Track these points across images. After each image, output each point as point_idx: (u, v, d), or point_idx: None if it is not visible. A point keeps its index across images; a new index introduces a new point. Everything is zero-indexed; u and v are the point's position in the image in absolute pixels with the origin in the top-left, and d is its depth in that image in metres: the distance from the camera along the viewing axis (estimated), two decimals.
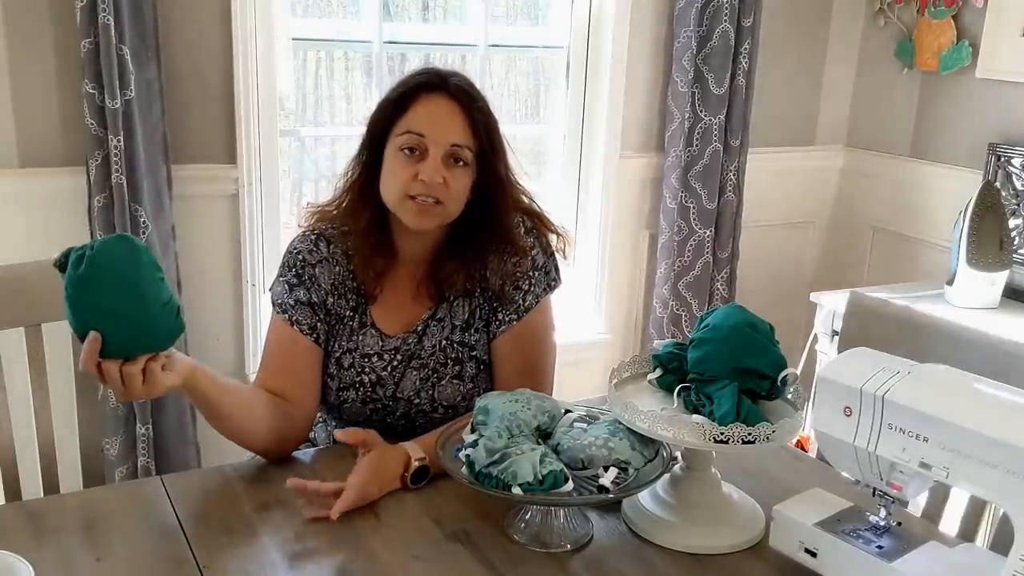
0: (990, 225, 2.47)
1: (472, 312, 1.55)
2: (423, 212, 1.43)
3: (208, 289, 2.42)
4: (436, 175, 1.41)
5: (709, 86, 2.74)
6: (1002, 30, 2.61)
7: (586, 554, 1.24)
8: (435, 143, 1.42)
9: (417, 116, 1.44)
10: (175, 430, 2.32)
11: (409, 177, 1.42)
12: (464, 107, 1.45)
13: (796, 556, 1.18)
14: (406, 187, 1.42)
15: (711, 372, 1.30)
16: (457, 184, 1.44)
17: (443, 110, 1.44)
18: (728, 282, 2.93)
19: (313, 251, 1.52)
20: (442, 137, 1.43)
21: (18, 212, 2.18)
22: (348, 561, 1.21)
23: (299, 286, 1.50)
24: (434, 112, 1.44)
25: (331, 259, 1.52)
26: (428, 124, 1.43)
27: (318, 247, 1.52)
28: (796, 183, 3.15)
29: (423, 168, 1.41)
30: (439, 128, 1.43)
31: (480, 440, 1.24)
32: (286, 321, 1.50)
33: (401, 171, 1.43)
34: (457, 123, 1.44)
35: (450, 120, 1.44)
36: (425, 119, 1.44)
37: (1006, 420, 1.02)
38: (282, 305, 1.50)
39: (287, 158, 2.56)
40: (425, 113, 1.44)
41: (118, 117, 2.07)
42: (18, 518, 1.26)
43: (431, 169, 1.41)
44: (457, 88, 1.46)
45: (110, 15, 2.01)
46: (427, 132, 1.43)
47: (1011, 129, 2.65)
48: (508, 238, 1.52)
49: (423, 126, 1.43)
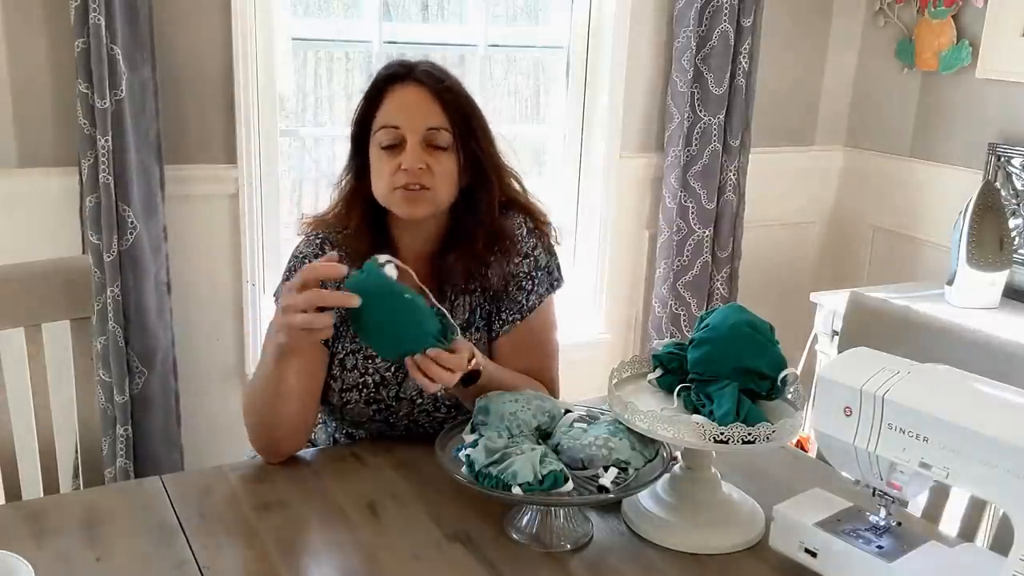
0: (990, 225, 2.47)
1: (473, 311, 1.55)
2: (412, 200, 1.45)
3: (208, 289, 2.42)
4: (417, 161, 1.43)
5: (708, 86, 2.74)
6: (1002, 30, 2.61)
7: (586, 554, 1.24)
8: (410, 131, 1.44)
9: (389, 109, 1.46)
10: (160, 432, 2.31)
11: (393, 170, 1.44)
12: (432, 90, 1.46)
13: (796, 556, 1.18)
14: (392, 180, 1.44)
15: (711, 372, 1.30)
16: (441, 168, 1.46)
17: (412, 98, 1.46)
18: (728, 282, 2.93)
19: (319, 254, 1.52)
20: (415, 123, 1.44)
21: (17, 212, 2.19)
22: (348, 561, 1.21)
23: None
24: (404, 101, 1.46)
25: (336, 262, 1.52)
26: (401, 115, 1.45)
27: (323, 250, 1.53)
28: (796, 183, 3.16)
29: (404, 157, 1.43)
30: (411, 115, 1.45)
31: (480, 440, 1.24)
32: None
33: (385, 167, 1.45)
34: (428, 106, 1.46)
35: (421, 105, 1.46)
36: (397, 110, 1.46)
37: (1006, 420, 1.02)
38: None
39: (287, 158, 2.56)
40: (396, 104, 1.46)
41: (107, 117, 2.07)
42: (18, 518, 1.26)
43: (411, 157, 1.43)
44: (423, 73, 1.47)
45: (101, 15, 2.01)
46: (401, 123, 1.45)
47: (1011, 129, 2.65)
48: (497, 228, 1.52)
49: (396, 118, 1.45)
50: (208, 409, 2.47)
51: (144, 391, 2.27)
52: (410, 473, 1.41)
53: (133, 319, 2.21)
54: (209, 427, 2.46)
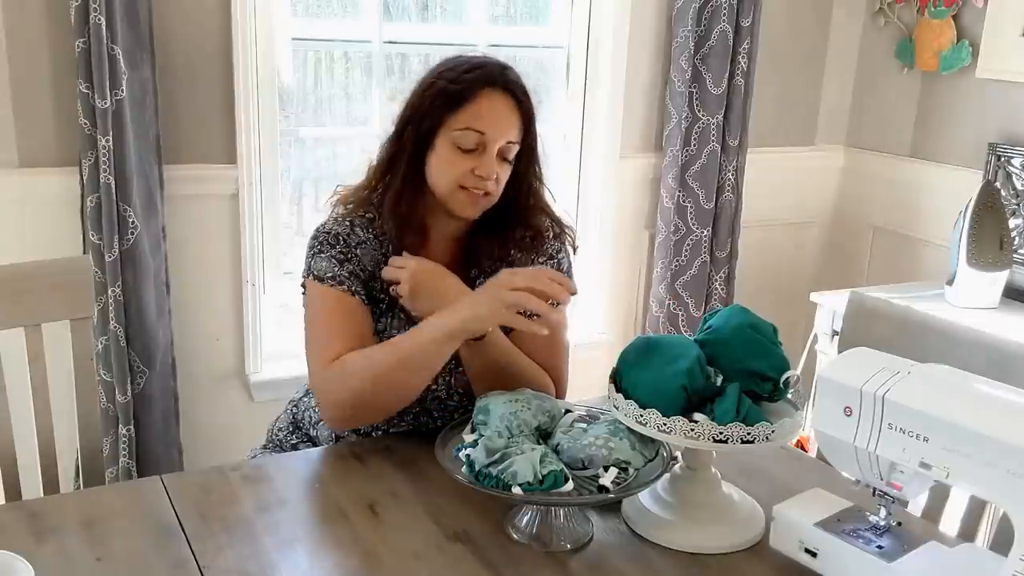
0: (990, 225, 2.47)
1: None
2: (475, 202, 1.49)
3: (208, 289, 2.42)
4: (492, 172, 1.47)
5: (707, 86, 2.74)
6: (1002, 30, 2.61)
7: (586, 554, 1.24)
8: (494, 140, 1.47)
9: (479, 113, 1.47)
10: (159, 431, 2.31)
11: (466, 170, 1.47)
12: (519, 103, 1.50)
13: (796, 556, 1.18)
14: (461, 179, 1.47)
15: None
16: (504, 177, 1.51)
17: (504, 108, 1.49)
18: (727, 282, 2.93)
19: (351, 234, 1.53)
20: (501, 135, 1.48)
21: (18, 211, 2.18)
22: (348, 561, 1.21)
23: (348, 261, 1.51)
24: (496, 110, 1.48)
25: (366, 243, 1.54)
26: (489, 122, 1.47)
27: (354, 231, 1.54)
28: (796, 183, 3.15)
29: (482, 164, 1.46)
30: (499, 126, 1.48)
31: (480, 440, 1.24)
32: (345, 292, 1.49)
33: (459, 163, 1.47)
34: (513, 120, 1.50)
35: (509, 118, 1.49)
36: (486, 117, 1.47)
37: (1006, 420, 1.02)
38: (336, 277, 1.49)
39: (287, 158, 2.56)
40: (487, 110, 1.48)
41: (108, 117, 2.07)
42: (18, 518, 1.26)
43: (489, 166, 1.47)
44: (514, 84, 1.50)
45: (101, 15, 2.01)
46: (487, 129, 1.47)
47: (1011, 129, 2.65)
48: (535, 226, 1.58)
49: (484, 124, 1.47)
50: (208, 409, 2.46)
51: (144, 391, 2.27)
52: (410, 473, 1.41)
53: (133, 319, 2.21)
54: (209, 427, 2.46)
